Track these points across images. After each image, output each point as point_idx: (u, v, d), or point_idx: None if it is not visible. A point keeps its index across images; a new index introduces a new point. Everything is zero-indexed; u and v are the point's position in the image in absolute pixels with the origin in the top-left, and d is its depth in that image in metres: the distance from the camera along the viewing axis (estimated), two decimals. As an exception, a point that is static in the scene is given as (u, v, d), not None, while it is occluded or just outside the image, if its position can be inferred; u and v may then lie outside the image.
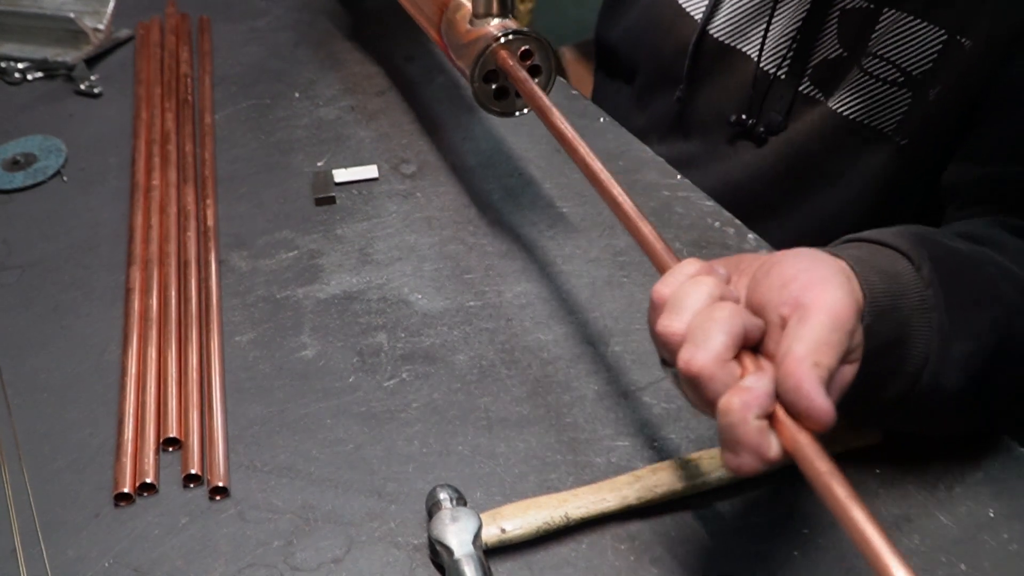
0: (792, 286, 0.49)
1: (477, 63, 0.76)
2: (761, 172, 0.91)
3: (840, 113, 0.84)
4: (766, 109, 0.90)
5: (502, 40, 0.76)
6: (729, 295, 0.50)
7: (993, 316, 0.59)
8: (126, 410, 0.69)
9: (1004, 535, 0.60)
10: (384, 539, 0.61)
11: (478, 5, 0.78)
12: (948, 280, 0.57)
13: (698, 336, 0.48)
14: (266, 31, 1.16)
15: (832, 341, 0.47)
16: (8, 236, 0.88)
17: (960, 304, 0.57)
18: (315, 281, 0.81)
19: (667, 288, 0.52)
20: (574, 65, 1.92)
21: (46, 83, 1.09)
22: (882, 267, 0.56)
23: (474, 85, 0.78)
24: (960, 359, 0.57)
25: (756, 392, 0.46)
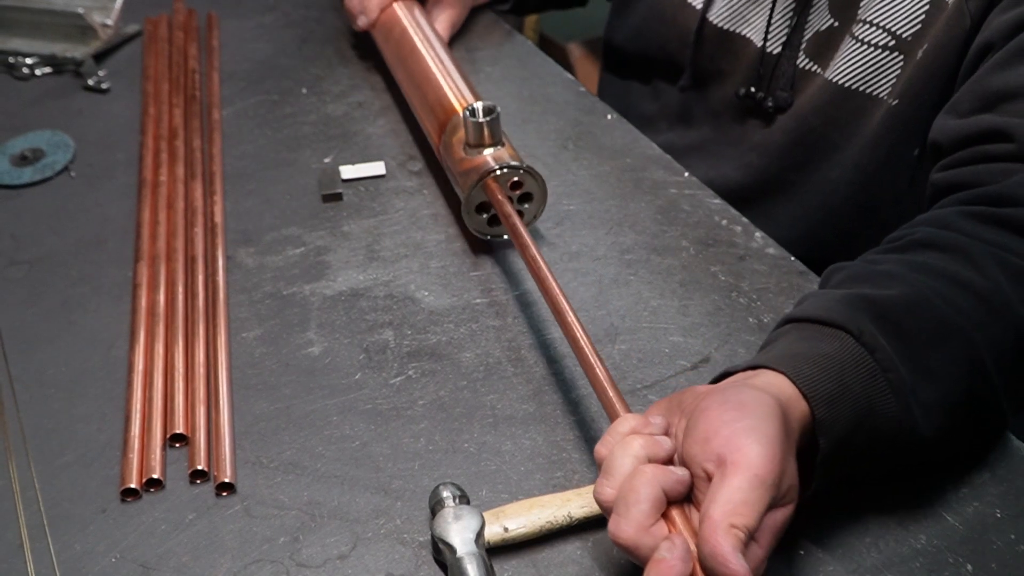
0: (714, 442, 0.51)
1: (469, 196, 0.79)
2: (769, 150, 0.93)
3: (837, 83, 0.86)
4: (772, 87, 0.91)
5: (494, 174, 0.78)
6: (657, 453, 0.53)
7: (953, 349, 0.59)
8: (133, 406, 0.69)
9: (1011, 535, 0.60)
10: (390, 536, 0.61)
11: (470, 136, 0.80)
12: (898, 333, 0.57)
13: (620, 506, 0.51)
14: (274, 27, 1.16)
15: (751, 500, 0.49)
16: (16, 231, 0.88)
17: (917, 351, 0.57)
18: (322, 278, 0.81)
19: (604, 448, 0.55)
20: (582, 62, 1.92)
21: (54, 78, 1.09)
22: (822, 352, 0.57)
23: (466, 216, 0.81)
24: (933, 403, 0.57)
25: (669, 563, 0.48)
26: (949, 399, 0.58)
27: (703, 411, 0.53)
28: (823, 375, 0.56)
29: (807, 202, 0.92)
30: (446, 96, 0.87)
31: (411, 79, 0.93)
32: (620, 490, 0.51)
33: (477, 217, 0.81)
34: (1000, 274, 0.62)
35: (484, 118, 0.79)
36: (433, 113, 0.87)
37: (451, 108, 0.85)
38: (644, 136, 0.95)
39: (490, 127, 0.79)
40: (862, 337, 0.57)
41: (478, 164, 0.79)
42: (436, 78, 0.89)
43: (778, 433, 0.51)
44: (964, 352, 0.59)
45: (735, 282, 0.78)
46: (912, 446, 0.58)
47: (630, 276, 0.80)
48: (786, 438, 0.52)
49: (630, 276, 0.80)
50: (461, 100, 0.86)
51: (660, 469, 0.52)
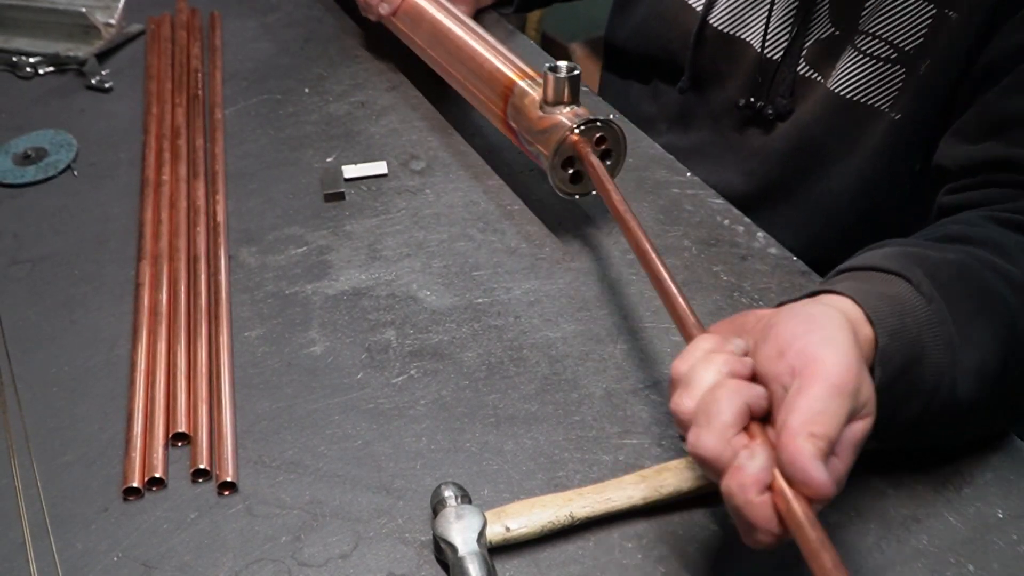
0: (788, 355, 0.50)
1: (556, 151, 0.78)
2: (770, 156, 0.93)
3: (838, 93, 0.86)
4: (772, 94, 0.91)
5: (579, 129, 0.78)
6: (739, 370, 0.52)
7: (996, 322, 0.59)
8: (135, 405, 0.69)
9: (1013, 536, 0.60)
10: (391, 535, 0.61)
11: (549, 93, 0.80)
12: (948, 293, 0.57)
13: (702, 418, 0.50)
14: (276, 27, 1.16)
15: (830, 410, 0.48)
16: (19, 230, 0.88)
17: (963, 314, 0.57)
18: (324, 277, 0.81)
19: (684, 365, 0.53)
20: (583, 62, 1.92)
21: (57, 78, 1.09)
22: (883, 291, 0.56)
23: (553, 172, 0.80)
24: (972, 368, 0.57)
25: (750, 471, 0.48)
26: (985, 368, 0.58)
27: (772, 327, 0.52)
28: (887, 307, 0.55)
29: (808, 210, 0.92)
30: (504, 65, 0.86)
31: (454, 57, 0.92)
32: (701, 402, 0.50)
33: (562, 172, 0.80)
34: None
35: (566, 74, 0.79)
36: (491, 84, 0.87)
37: (510, 77, 0.85)
38: (646, 136, 0.95)
39: (571, 84, 0.79)
40: (920, 287, 0.57)
41: (561, 120, 0.78)
42: (484, 53, 0.89)
43: (852, 343, 0.51)
44: (1004, 328, 0.59)
45: (737, 282, 0.78)
46: (946, 408, 0.57)
47: (632, 276, 0.79)
48: (859, 350, 0.51)
49: (632, 276, 0.79)
50: (517, 69, 0.85)
51: (743, 383, 0.51)
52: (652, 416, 0.68)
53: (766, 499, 0.48)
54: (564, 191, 0.82)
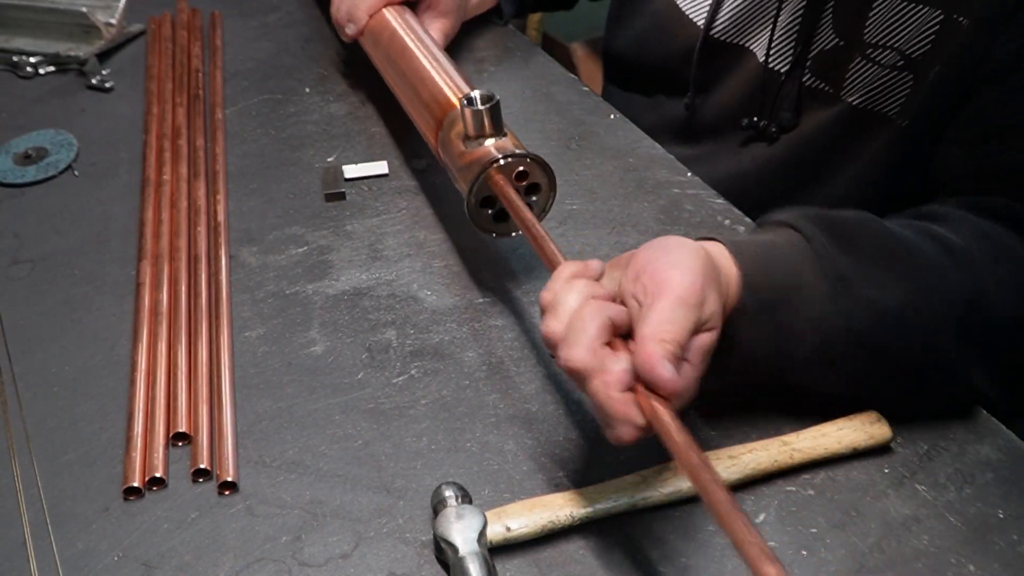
0: (643, 277, 0.57)
1: (472, 189, 0.73)
2: (772, 166, 0.92)
3: (846, 101, 0.85)
4: (776, 108, 0.90)
5: (498, 164, 0.72)
6: (598, 292, 0.57)
7: (898, 267, 0.62)
8: (136, 404, 0.69)
9: (1014, 536, 0.60)
10: (392, 535, 0.61)
11: (469, 127, 0.74)
12: (839, 240, 0.62)
13: (570, 336, 0.55)
14: (277, 27, 1.16)
15: (676, 319, 0.54)
16: (20, 230, 0.88)
17: (859, 256, 0.62)
18: (324, 277, 0.81)
19: (549, 293, 0.59)
20: (585, 62, 1.91)
21: (58, 77, 1.09)
22: (758, 236, 0.64)
23: (469, 212, 0.75)
24: (867, 301, 0.61)
25: (614, 371, 0.53)
26: (882, 303, 0.61)
27: (634, 256, 0.59)
28: (755, 246, 0.62)
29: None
30: (441, 92, 0.82)
31: (403, 79, 0.88)
32: (568, 322, 0.55)
33: (483, 213, 0.75)
34: (974, 241, 0.66)
35: (483, 106, 0.73)
36: (428, 111, 0.82)
37: (447, 103, 0.80)
38: (647, 136, 0.95)
39: (491, 115, 0.73)
40: (802, 230, 0.63)
41: (480, 155, 0.73)
42: (429, 74, 0.84)
43: (700, 265, 0.56)
44: (914, 268, 0.63)
45: (738, 282, 0.78)
46: (849, 340, 0.61)
47: (633, 276, 0.79)
48: (708, 271, 0.57)
49: (633, 276, 0.79)
50: (457, 94, 0.81)
51: (603, 302, 0.56)
52: (653, 416, 0.68)
53: (628, 396, 0.53)
54: (488, 230, 0.76)
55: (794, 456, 0.63)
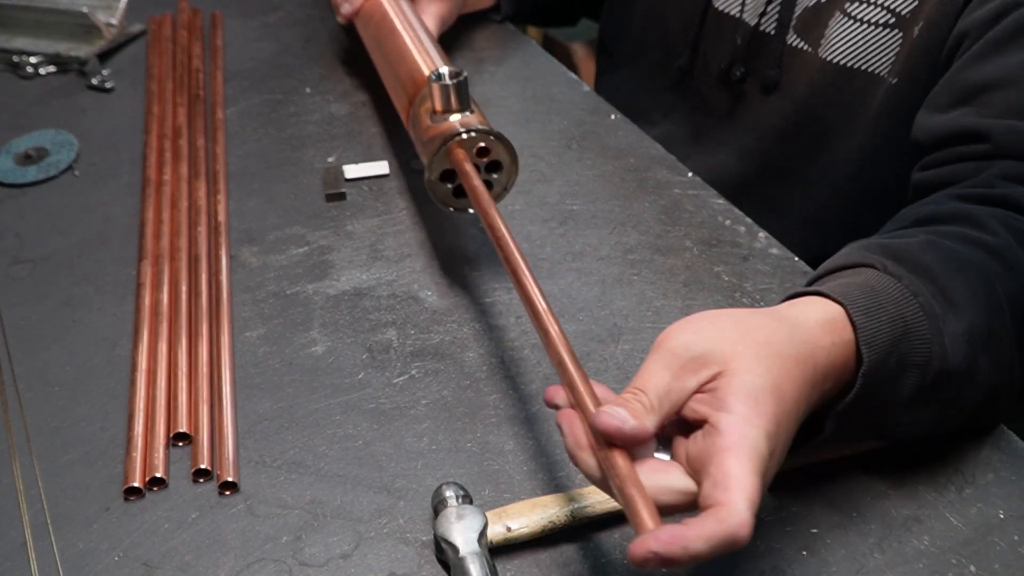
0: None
1: (431, 162, 0.74)
2: (768, 134, 0.92)
3: (834, 62, 0.85)
4: (759, 66, 0.91)
5: (459, 138, 0.73)
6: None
7: (974, 284, 0.59)
8: (136, 404, 0.69)
9: (1014, 536, 0.59)
10: (392, 535, 0.61)
11: (437, 102, 0.75)
12: (916, 268, 0.58)
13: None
14: (278, 27, 1.16)
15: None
16: (20, 230, 0.88)
17: (939, 284, 0.58)
18: (325, 277, 0.81)
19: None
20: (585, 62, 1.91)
21: (58, 77, 1.09)
22: (851, 280, 0.58)
23: (428, 184, 0.75)
24: (959, 333, 0.58)
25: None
26: (973, 330, 0.58)
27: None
28: (858, 291, 0.56)
29: (809, 187, 0.91)
30: (418, 69, 0.82)
31: (385, 59, 0.89)
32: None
33: (442, 186, 0.76)
34: (1007, 233, 0.63)
35: (451, 81, 0.74)
36: (403, 88, 0.83)
37: (421, 80, 0.80)
38: (647, 136, 0.95)
39: (457, 91, 0.74)
40: (887, 269, 0.58)
41: (444, 129, 0.74)
42: (410, 53, 0.85)
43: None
44: (983, 284, 0.60)
45: (738, 282, 0.78)
46: (942, 378, 0.57)
47: (633, 276, 0.79)
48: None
49: (633, 276, 0.79)
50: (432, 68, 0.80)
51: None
52: (653, 416, 0.68)
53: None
54: (447, 205, 0.78)
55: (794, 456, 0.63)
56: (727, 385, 0.50)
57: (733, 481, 0.46)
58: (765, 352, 0.51)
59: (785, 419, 0.50)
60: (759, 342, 0.52)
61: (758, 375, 0.50)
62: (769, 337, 0.52)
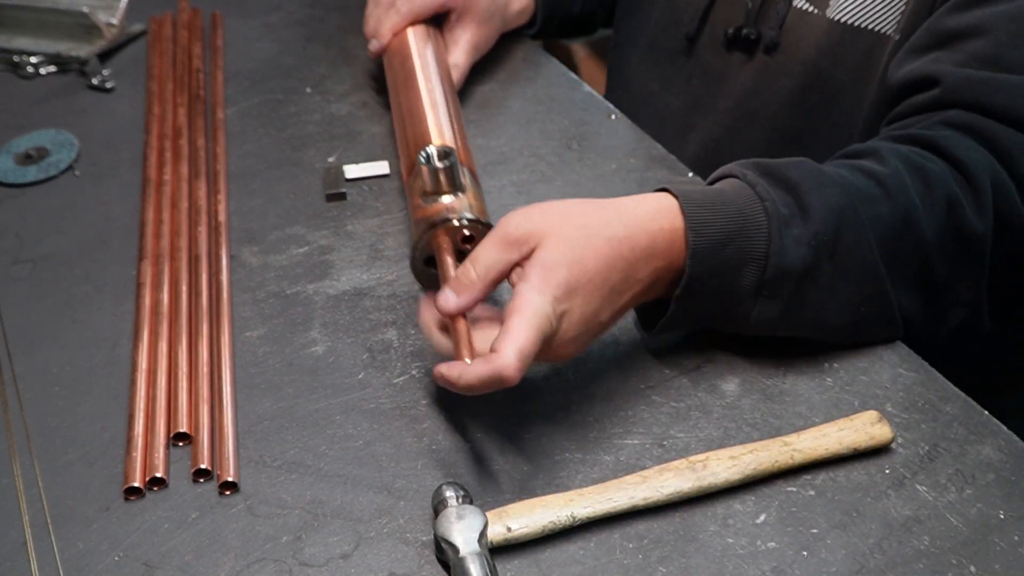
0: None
1: (416, 247, 0.72)
2: (774, 97, 0.92)
3: (840, 21, 0.86)
4: (762, 26, 0.91)
5: (443, 225, 0.70)
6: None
7: (826, 195, 0.66)
8: (136, 404, 0.70)
9: (1015, 537, 0.60)
10: (393, 535, 0.61)
11: (426, 184, 0.72)
12: (775, 182, 0.67)
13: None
14: (278, 27, 1.16)
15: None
16: (20, 230, 0.88)
17: (792, 196, 0.66)
18: (325, 277, 0.81)
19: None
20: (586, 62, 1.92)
21: (59, 77, 1.09)
22: (705, 187, 0.69)
23: (413, 268, 0.73)
24: (804, 238, 0.65)
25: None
26: (819, 237, 0.65)
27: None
28: (700, 191, 0.67)
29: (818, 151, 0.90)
30: (424, 135, 0.80)
31: (399, 112, 0.87)
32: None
33: (428, 271, 0.72)
34: (902, 166, 0.69)
35: (439, 164, 0.72)
36: (408, 150, 0.80)
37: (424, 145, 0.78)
38: (647, 136, 0.95)
39: (447, 174, 0.72)
40: (746, 178, 0.67)
41: (429, 214, 0.71)
42: (421, 112, 0.83)
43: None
44: (841, 199, 0.66)
45: (739, 282, 0.78)
46: (779, 274, 0.65)
47: (634, 276, 0.79)
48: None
49: (634, 276, 0.79)
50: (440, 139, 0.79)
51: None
52: (653, 417, 0.68)
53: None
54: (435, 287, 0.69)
55: (795, 456, 0.63)
56: (531, 259, 0.62)
57: (510, 335, 0.59)
58: (576, 233, 0.63)
59: (584, 288, 0.62)
60: (574, 224, 0.63)
61: (557, 250, 0.62)
62: (586, 221, 0.64)
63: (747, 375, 0.70)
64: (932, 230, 0.68)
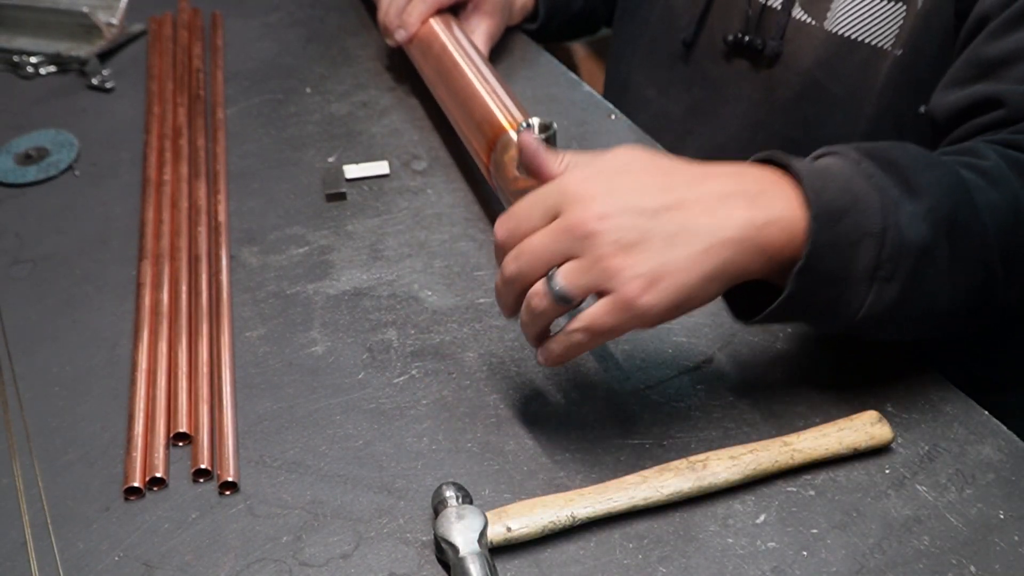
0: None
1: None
2: (774, 107, 0.93)
3: (838, 34, 0.86)
4: (764, 39, 0.91)
5: None
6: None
7: (938, 174, 0.62)
8: (136, 404, 0.70)
9: (1015, 537, 0.60)
10: (393, 535, 0.61)
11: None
12: (880, 162, 0.61)
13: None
14: (278, 27, 1.16)
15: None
16: (20, 230, 0.88)
17: (900, 176, 0.61)
18: (325, 277, 0.81)
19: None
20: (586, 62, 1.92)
21: (59, 77, 1.09)
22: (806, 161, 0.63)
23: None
24: (919, 213, 0.59)
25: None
26: (935, 213, 0.60)
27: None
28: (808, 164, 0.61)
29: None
30: (492, 114, 0.83)
31: (454, 97, 0.89)
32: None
33: None
34: (1001, 160, 0.65)
35: (540, 135, 0.75)
36: (480, 131, 0.83)
37: (499, 126, 0.81)
38: (648, 136, 0.95)
39: (547, 144, 0.73)
40: (848, 156, 0.62)
41: (534, 185, 0.72)
42: (480, 95, 0.85)
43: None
44: (951, 178, 0.62)
45: (739, 282, 0.78)
46: (899, 250, 0.59)
47: (634, 276, 0.79)
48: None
49: (634, 276, 0.79)
50: (509, 118, 0.82)
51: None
52: (653, 417, 0.68)
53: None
54: None
55: (795, 456, 0.63)
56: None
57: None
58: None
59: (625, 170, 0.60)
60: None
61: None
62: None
63: (747, 375, 0.70)
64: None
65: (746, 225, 0.58)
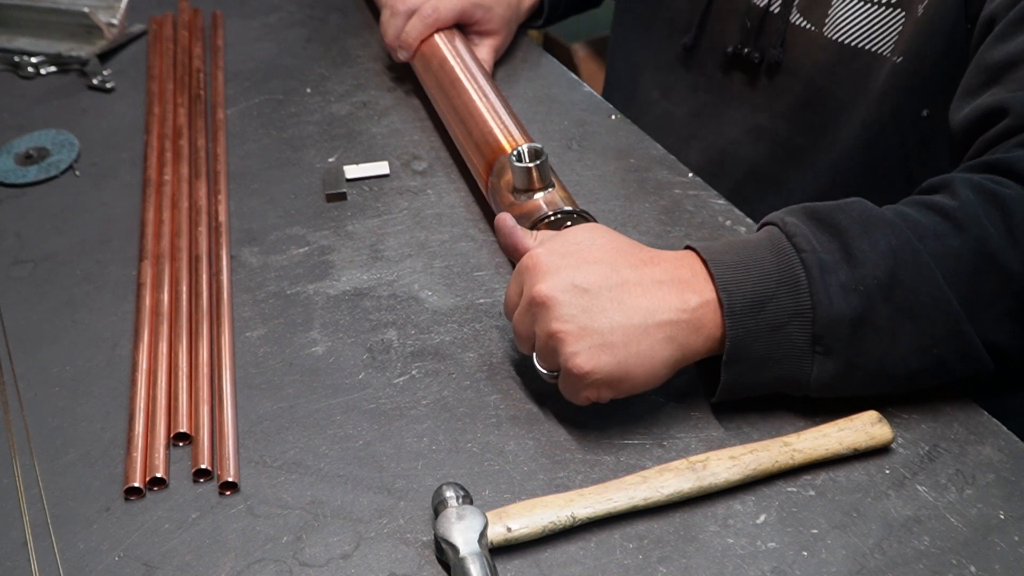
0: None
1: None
2: (776, 113, 0.93)
3: (838, 41, 0.86)
4: (763, 44, 0.92)
5: (547, 220, 0.75)
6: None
7: (875, 238, 0.63)
8: (137, 405, 0.70)
9: (1015, 537, 0.60)
10: (393, 535, 0.61)
11: (517, 182, 0.77)
12: (821, 227, 0.63)
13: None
14: (278, 27, 1.16)
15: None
16: (21, 230, 0.88)
17: (840, 242, 0.63)
18: (325, 277, 0.81)
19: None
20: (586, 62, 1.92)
21: (59, 77, 1.09)
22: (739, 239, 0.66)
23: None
24: (851, 282, 0.61)
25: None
26: (867, 281, 0.62)
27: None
28: (729, 250, 0.64)
29: (815, 167, 0.92)
30: (492, 134, 0.84)
31: (454, 112, 0.90)
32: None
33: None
34: (972, 195, 0.65)
35: (531, 163, 0.76)
36: (480, 151, 0.84)
37: (498, 147, 0.82)
38: (647, 136, 0.95)
39: (538, 171, 0.76)
40: (785, 227, 0.64)
41: (529, 210, 0.76)
42: (480, 113, 0.87)
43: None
44: (888, 239, 0.63)
45: (739, 283, 0.78)
46: (831, 325, 0.61)
47: (634, 276, 0.79)
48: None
49: (634, 276, 0.79)
50: (508, 139, 0.83)
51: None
52: (653, 417, 0.68)
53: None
54: None
55: (795, 457, 0.63)
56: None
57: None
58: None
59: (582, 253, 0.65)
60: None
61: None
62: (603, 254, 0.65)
63: (747, 375, 0.70)
64: (1018, 257, 0.63)
65: (679, 308, 0.62)
